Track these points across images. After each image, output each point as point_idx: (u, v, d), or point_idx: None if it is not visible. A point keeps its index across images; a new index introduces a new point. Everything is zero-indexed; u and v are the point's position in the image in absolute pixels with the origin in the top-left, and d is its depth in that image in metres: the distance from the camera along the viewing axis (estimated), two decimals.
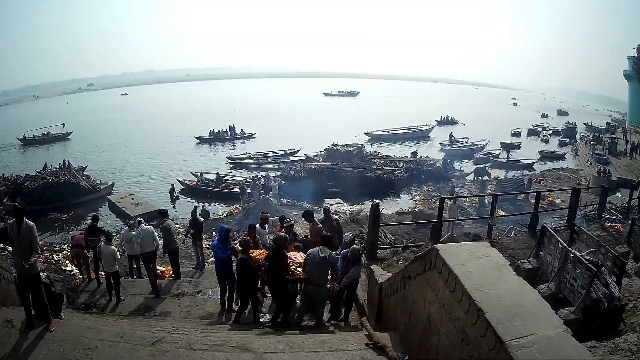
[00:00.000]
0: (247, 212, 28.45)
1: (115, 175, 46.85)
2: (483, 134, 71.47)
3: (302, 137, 66.56)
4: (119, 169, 50.89)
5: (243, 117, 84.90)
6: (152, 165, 53.24)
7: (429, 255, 6.51)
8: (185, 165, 49.81)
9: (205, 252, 17.70)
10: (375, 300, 9.67)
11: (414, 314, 7.11)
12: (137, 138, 72.82)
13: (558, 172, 49.07)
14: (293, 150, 54.85)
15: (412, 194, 38.11)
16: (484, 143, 64.28)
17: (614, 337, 7.85)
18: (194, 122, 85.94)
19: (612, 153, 56.97)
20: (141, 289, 13.65)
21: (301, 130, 75.83)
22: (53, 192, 34.43)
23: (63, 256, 17.19)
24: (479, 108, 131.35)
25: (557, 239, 10.23)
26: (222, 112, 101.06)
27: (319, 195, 36.40)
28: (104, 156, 58.26)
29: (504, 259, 6.03)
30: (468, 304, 4.92)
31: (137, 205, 32.75)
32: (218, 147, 65.76)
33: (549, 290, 9.48)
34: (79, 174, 38.22)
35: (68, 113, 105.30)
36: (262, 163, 50.67)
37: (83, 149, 63.30)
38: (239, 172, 47.23)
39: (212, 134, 69.58)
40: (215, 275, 12.23)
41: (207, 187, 38.81)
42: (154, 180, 45.38)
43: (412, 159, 48.24)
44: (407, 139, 71.43)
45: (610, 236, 16.55)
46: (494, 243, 14.38)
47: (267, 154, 54.80)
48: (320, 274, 9.53)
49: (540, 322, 4.45)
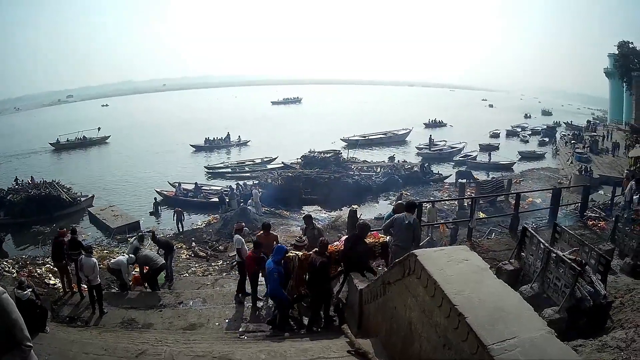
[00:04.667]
0: (226, 221, 28.47)
1: (107, 185, 47.95)
2: (462, 136, 72.33)
3: (280, 144, 67.05)
4: (109, 178, 51.58)
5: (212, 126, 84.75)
6: (144, 174, 53.21)
7: (408, 260, 6.49)
8: (180, 174, 50.28)
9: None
10: (355, 307, 9.67)
11: (395, 319, 7.12)
12: (129, 147, 73.85)
13: (538, 172, 49.59)
14: (270, 158, 55.09)
15: (391, 199, 37.87)
16: (462, 146, 64.95)
17: (601, 334, 7.90)
18: (181, 130, 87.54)
19: (594, 151, 57.66)
20: (123, 301, 13.79)
21: (280, 137, 76.23)
22: (35, 205, 34.43)
23: (46, 269, 17.18)
24: (456, 111, 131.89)
25: (539, 240, 10.25)
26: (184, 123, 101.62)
27: (297, 202, 36.48)
28: (97, 167, 59.36)
29: (484, 262, 6.05)
30: (448, 308, 4.92)
31: (117, 217, 32.68)
32: (214, 155, 66.45)
33: (532, 290, 9.49)
34: (60, 187, 38.28)
35: (46, 125, 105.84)
36: (240, 172, 50.76)
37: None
38: (218, 181, 47.51)
39: (208, 142, 70.28)
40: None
41: (186, 197, 38.85)
42: (141, 189, 45.73)
43: (390, 164, 48.70)
44: (384, 144, 71.85)
45: (594, 234, 16.66)
46: (475, 246, 14.58)
47: (244, 162, 55.26)
48: (405, 237, 10.48)
49: (523, 325, 4.45)
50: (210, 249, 24.40)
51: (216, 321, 12.28)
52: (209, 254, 23.53)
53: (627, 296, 9.51)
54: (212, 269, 20.77)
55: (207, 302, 13.60)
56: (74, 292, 14.28)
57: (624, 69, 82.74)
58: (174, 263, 19.43)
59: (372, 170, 45.89)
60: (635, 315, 8.46)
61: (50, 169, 54.10)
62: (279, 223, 28.98)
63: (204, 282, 17.15)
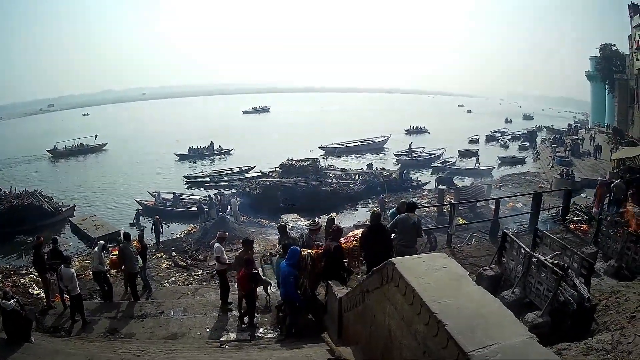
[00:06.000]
0: (205, 230, 28.48)
1: (88, 194, 48.52)
2: (441, 142, 72.91)
3: (258, 153, 67.62)
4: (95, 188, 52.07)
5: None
6: (126, 184, 53.41)
7: (386, 268, 6.53)
8: (161, 183, 50.94)
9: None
10: (335, 315, 9.73)
11: (374, 327, 7.14)
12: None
13: (519, 176, 50.14)
14: (248, 167, 55.47)
15: (369, 206, 38.09)
16: (440, 152, 65.56)
17: (586, 337, 7.94)
18: (164, 139, 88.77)
19: (575, 154, 58.33)
20: (106, 311, 14.05)
21: (257, 146, 76.87)
22: (19, 214, 34.37)
23: (30, 280, 17.32)
24: (435, 117, 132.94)
25: (519, 245, 10.27)
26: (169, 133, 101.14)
27: (276, 211, 36.43)
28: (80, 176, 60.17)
29: (462, 269, 6.10)
30: (427, 316, 4.91)
31: (98, 226, 32.66)
32: (198, 163, 67.16)
33: (514, 295, 9.50)
34: (41, 197, 38.37)
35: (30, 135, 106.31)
36: (219, 181, 50.73)
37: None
38: (197, 190, 47.67)
39: (192, 151, 71.25)
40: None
41: (165, 207, 38.96)
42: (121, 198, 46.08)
43: (368, 171, 48.86)
44: (362, 152, 72.11)
45: (576, 237, 16.80)
46: (455, 252, 14.74)
47: (222, 171, 55.60)
48: (410, 237, 11.25)
49: (504, 331, 4.44)
50: (190, 259, 24.39)
51: (197, 331, 12.45)
52: (189, 264, 23.58)
53: (612, 298, 9.56)
54: (193, 279, 20.85)
55: (187, 312, 13.75)
56: (54, 302, 14.47)
57: (606, 72, 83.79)
58: (155, 273, 20.70)
59: (350, 178, 46.01)
60: (621, 317, 8.51)
61: (43, 177, 57.93)
62: (258, 232, 29.02)
63: (184, 291, 17.43)
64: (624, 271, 12.03)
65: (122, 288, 16.54)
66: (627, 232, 13.19)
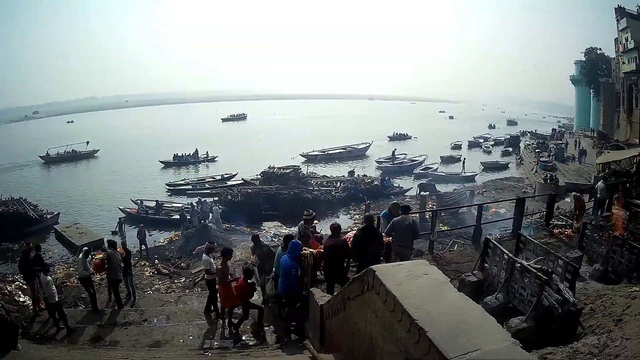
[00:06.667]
0: (187, 238, 28.80)
1: (73, 202, 48.70)
2: (423, 149, 73.49)
3: (240, 160, 68.13)
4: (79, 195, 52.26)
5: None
6: (111, 190, 53.53)
7: (366, 276, 6.54)
8: (144, 190, 51.45)
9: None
10: (317, 322, 9.68)
11: (356, 334, 7.17)
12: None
13: (502, 182, 50.52)
14: (230, 175, 55.89)
15: (351, 213, 38.51)
16: (422, 158, 66.07)
17: (572, 341, 7.97)
18: (148, 146, 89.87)
19: (559, 159, 58.72)
20: (90, 319, 14.11)
21: (239, 153, 77.38)
22: (5, 222, 34.65)
23: (16, 287, 17.05)
24: (417, 123, 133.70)
25: (502, 250, 10.27)
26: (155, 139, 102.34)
27: (257, 218, 36.75)
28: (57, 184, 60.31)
29: (444, 276, 6.13)
30: (409, 323, 4.92)
31: (82, 234, 32.82)
32: (183, 171, 67.70)
33: (497, 301, 9.50)
34: (27, 204, 38.75)
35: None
36: (200, 188, 51.15)
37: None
38: (179, 198, 47.93)
39: (177, 158, 71.72)
40: None
41: (147, 215, 39.18)
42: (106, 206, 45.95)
43: (349, 178, 48.89)
44: (344, 159, 72.45)
45: (561, 242, 16.86)
46: (437, 258, 14.73)
47: (204, 179, 56.19)
48: (406, 237, 11.76)
49: (486, 337, 4.43)
50: (173, 266, 24.71)
51: (180, 338, 12.52)
52: (172, 271, 23.82)
53: (597, 302, 9.58)
54: (175, 286, 21.07)
55: (171, 320, 13.86)
56: (42, 309, 14.47)
57: (591, 76, 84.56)
58: (138, 280, 20.61)
59: (331, 185, 46.16)
60: (607, 320, 8.54)
61: (34, 183, 59.58)
62: (240, 239, 29.02)
63: (167, 299, 17.34)
64: (610, 275, 12.11)
65: (106, 296, 16.58)
66: (612, 235, 13.24)
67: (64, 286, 18.90)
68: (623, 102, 65.11)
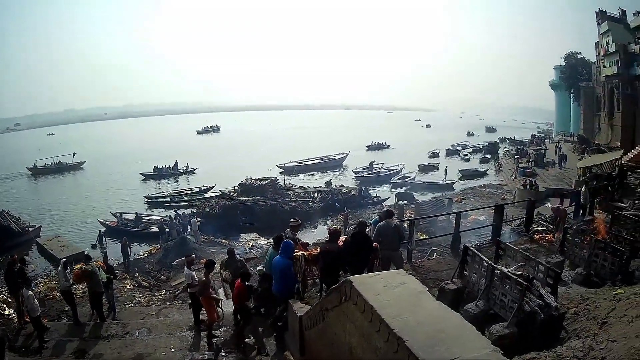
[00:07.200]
0: (167, 251, 29.01)
1: (54, 214, 48.82)
2: (401, 158, 74.07)
3: (217, 172, 68.29)
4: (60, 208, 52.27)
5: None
6: (91, 203, 53.26)
7: (344, 287, 6.62)
8: (124, 203, 51.17)
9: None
10: (296, 333, 9.81)
11: (335, 345, 7.23)
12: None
13: (480, 189, 50.80)
14: (208, 187, 56.32)
15: (329, 224, 38.43)
16: (399, 167, 66.54)
17: (556, 345, 7.92)
18: (129, 158, 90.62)
19: (539, 165, 59.17)
20: (73, 332, 14.28)
21: (217, 165, 77.87)
22: None
23: (1, 300, 17.08)
24: (394, 133, 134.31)
25: (481, 257, 10.24)
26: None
27: (236, 230, 37.05)
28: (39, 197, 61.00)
29: (421, 285, 6.25)
30: (387, 333, 5.05)
31: (63, 247, 32.94)
32: (163, 183, 68.13)
33: (478, 308, 9.47)
34: (9, 217, 38.56)
35: None
36: (179, 201, 51.68)
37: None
38: (157, 211, 48.34)
39: (157, 170, 72.02)
40: None
41: (127, 228, 39.32)
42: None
43: (327, 189, 49.02)
44: (321, 169, 73.05)
45: (542, 247, 16.97)
46: (416, 267, 14.83)
47: (182, 191, 56.85)
48: (391, 240, 12.17)
49: (465, 345, 4.46)
50: (153, 279, 25.04)
51: (162, 351, 12.69)
52: (152, 284, 24.10)
53: (581, 306, 9.60)
54: (156, 299, 21.30)
55: (152, 332, 14.05)
56: (27, 322, 14.53)
57: (571, 80, 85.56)
58: (119, 293, 20.90)
59: (309, 196, 46.46)
60: (592, 323, 8.55)
61: (18, 195, 59.77)
62: (219, 252, 28.84)
63: (148, 312, 17.51)
64: (593, 278, 12.16)
65: (88, 308, 16.60)
66: (594, 239, 13.26)
67: (47, 299, 19.10)
68: (604, 106, 66.03)
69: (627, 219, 16.26)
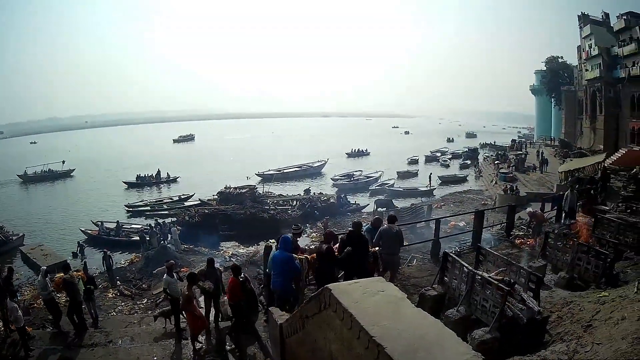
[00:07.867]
0: (148, 260, 29.26)
1: (38, 223, 48.91)
2: (380, 165, 75.16)
3: (196, 181, 69.18)
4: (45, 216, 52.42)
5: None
6: (73, 212, 54.20)
7: (322, 295, 6.65)
8: (105, 212, 51.43)
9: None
10: (277, 341, 9.75)
11: (316, 352, 7.22)
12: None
13: (461, 195, 51.40)
14: (187, 195, 56.69)
15: (308, 232, 38.35)
16: (378, 175, 67.08)
17: (540, 349, 7.97)
18: (112, 167, 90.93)
19: (520, 169, 59.17)
20: (57, 341, 14.24)
21: (196, 174, 78.17)
22: None
23: None
24: (373, 140, 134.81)
25: (461, 263, 10.25)
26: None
27: (216, 239, 37.01)
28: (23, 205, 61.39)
29: (401, 292, 6.26)
30: (367, 340, 5.05)
31: (46, 256, 32.93)
32: (146, 191, 68.44)
33: (459, 314, 9.49)
34: None
35: None
36: (159, 210, 52.25)
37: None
38: (138, 219, 48.52)
39: (139, 179, 72.34)
40: None
41: (108, 236, 39.51)
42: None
43: (306, 197, 49.28)
44: (300, 177, 73.19)
45: (523, 252, 17.02)
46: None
47: (162, 200, 57.38)
48: (392, 244, 12.70)
49: (446, 352, 4.51)
50: (135, 288, 25.41)
51: (145, 359, 12.72)
52: (134, 293, 24.46)
53: (564, 309, 9.69)
54: (138, 307, 21.67)
55: (135, 341, 14.05)
56: (12, 331, 14.50)
57: (552, 85, 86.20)
58: (101, 302, 21.24)
59: (288, 204, 46.68)
60: (576, 327, 8.61)
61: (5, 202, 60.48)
62: (199, 260, 29.01)
63: (130, 320, 17.62)
64: (576, 282, 12.30)
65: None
66: (577, 242, 13.32)
67: (31, 308, 19.44)
68: (586, 109, 66.99)
69: (611, 222, 16.38)
